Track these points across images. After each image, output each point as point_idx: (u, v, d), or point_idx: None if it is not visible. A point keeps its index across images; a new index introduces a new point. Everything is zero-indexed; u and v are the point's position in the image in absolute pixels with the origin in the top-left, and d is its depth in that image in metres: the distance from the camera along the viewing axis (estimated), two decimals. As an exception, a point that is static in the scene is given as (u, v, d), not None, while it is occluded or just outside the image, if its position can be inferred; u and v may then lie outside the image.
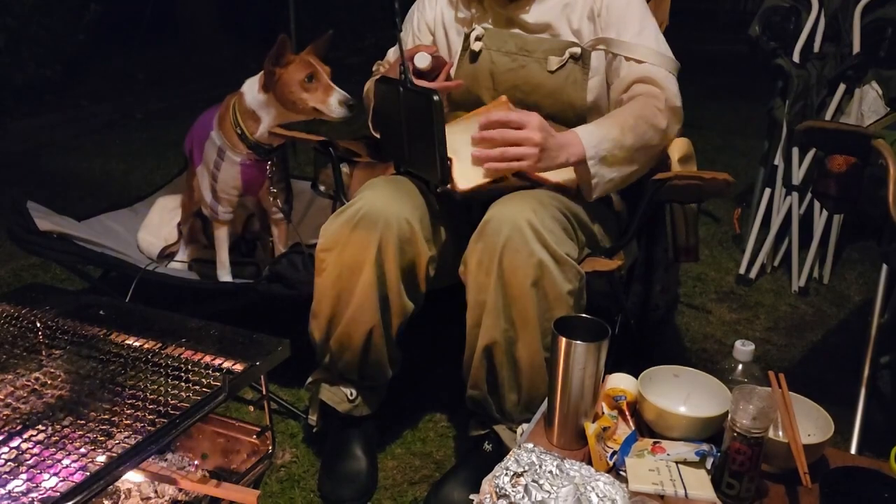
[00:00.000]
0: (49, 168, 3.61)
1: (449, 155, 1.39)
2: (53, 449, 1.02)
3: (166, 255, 2.21)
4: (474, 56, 1.63)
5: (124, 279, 1.89)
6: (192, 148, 2.04)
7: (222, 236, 2.03)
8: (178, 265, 2.18)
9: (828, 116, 2.37)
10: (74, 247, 1.90)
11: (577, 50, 1.58)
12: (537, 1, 1.62)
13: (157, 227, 2.26)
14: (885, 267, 1.81)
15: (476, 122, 1.42)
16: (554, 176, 1.52)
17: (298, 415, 1.75)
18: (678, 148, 1.61)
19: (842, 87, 2.38)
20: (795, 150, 2.43)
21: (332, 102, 1.79)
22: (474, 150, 1.39)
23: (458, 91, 1.63)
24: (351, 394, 1.54)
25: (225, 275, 2.05)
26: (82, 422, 1.07)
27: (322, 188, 1.83)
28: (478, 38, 1.62)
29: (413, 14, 1.76)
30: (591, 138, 1.42)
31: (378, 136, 1.65)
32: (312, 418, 1.60)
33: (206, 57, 5.67)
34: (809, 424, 1.16)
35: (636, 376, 1.25)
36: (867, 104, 2.28)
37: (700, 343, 2.15)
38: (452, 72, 1.65)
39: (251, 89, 1.88)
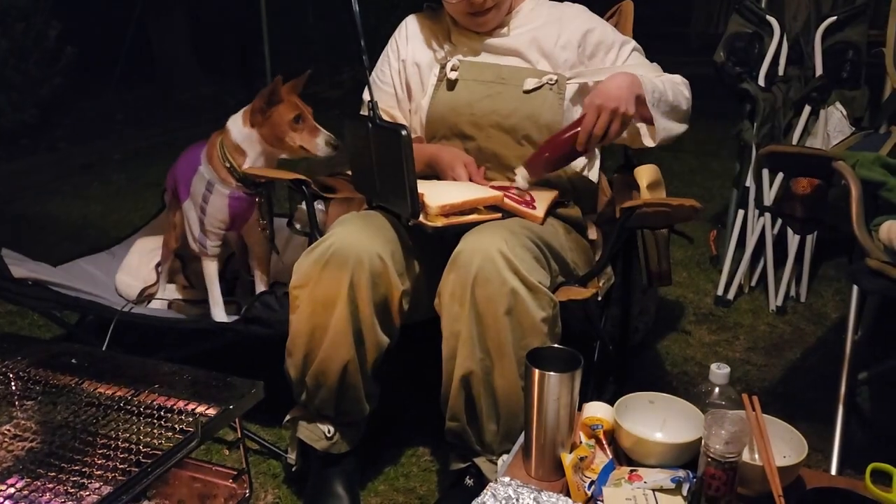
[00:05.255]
0: (26, 213, 3.59)
1: (420, 190, 1.41)
2: (25, 502, 1.00)
3: (145, 296, 2.20)
4: (451, 85, 1.66)
5: (103, 324, 1.88)
6: (177, 185, 2.04)
7: (212, 272, 2.02)
8: (158, 305, 2.17)
9: (795, 138, 2.42)
10: (50, 293, 1.89)
11: (554, 77, 1.62)
12: (506, 32, 1.66)
13: (136, 268, 2.26)
14: (856, 284, 1.84)
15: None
16: (525, 207, 1.55)
17: (280, 454, 1.73)
18: (646, 175, 1.64)
19: (807, 109, 2.42)
20: (766, 172, 2.46)
21: (320, 143, 1.87)
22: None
23: (436, 118, 1.66)
24: (329, 431, 1.53)
25: (219, 313, 2.03)
26: (54, 473, 1.06)
27: (297, 226, 1.84)
28: (454, 69, 1.66)
29: (387, 56, 1.79)
30: (646, 84, 1.51)
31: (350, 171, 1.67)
32: (291, 457, 1.59)
33: (183, 95, 5.70)
34: (784, 446, 1.16)
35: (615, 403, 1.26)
36: (832, 125, 2.32)
37: (681, 366, 2.16)
38: (426, 101, 1.68)
39: (236, 125, 1.92)
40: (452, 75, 1.66)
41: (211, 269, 2.03)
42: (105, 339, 1.79)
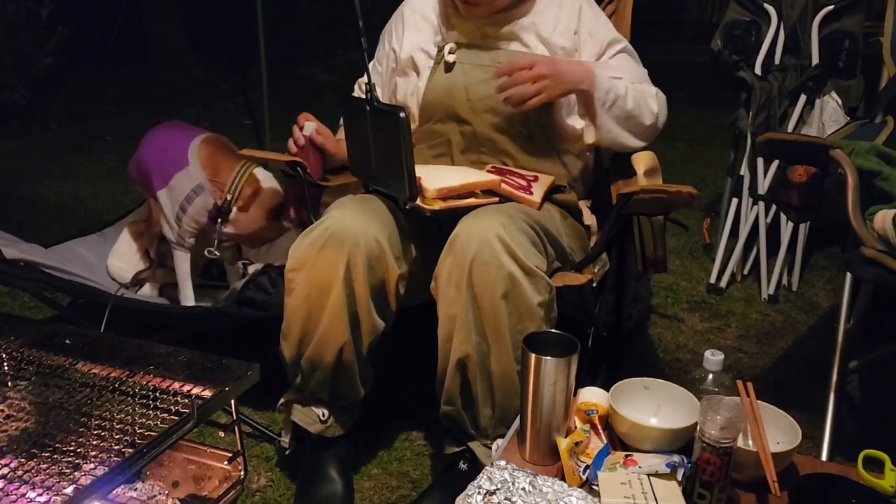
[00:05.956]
0: (17, 193, 3.56)
1: (417, 174, 1.41)
2: (18, 483, 1.00)
3: (139, 280, 2.19)
4: (448, 68, 1.66)
5: (94, 306, 1.87)
6: (146, 173, 2.01)
7: (183, 264, 2.01)
8: (149, 290, 2.16)
9: (790, 127, 2.42)
10: (42, 274, 1.88)
11: None
12: (509, 20, 1.66)
13: (128, 252, 2.24)
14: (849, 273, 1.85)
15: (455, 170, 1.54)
16: (522, 192, 1.54)
17: (273, 438, 1.73)
18: (644, 161, 1.64)
19: (803, 98, 2.43)
20: (760, 161, 2.47)
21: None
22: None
23: (432, 100, 1.65)
24: (323, 414, 1.53)
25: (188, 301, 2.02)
26: (48, 454, 1.05)
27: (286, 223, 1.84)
28: (451, 52, 1.65)
29: (384, 36, 1.78)
30: (601, 83, 1.56)
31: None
32: (285, 440, 1.59)
33: (175, 76, 5.65)
34: (778, 432, 1.17)
35: (610, 388, 1.26)
36: (827, 114, 2.33)
37: (673, 353, 2.17)
38: (423, 84, 1.67)
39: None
40: (450, 58, 1.65)
41: (182, 260, 2.01)
42: (95, 320, 1.78)
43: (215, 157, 1.94)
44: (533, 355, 1.16)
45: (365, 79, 1.81)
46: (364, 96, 1.51)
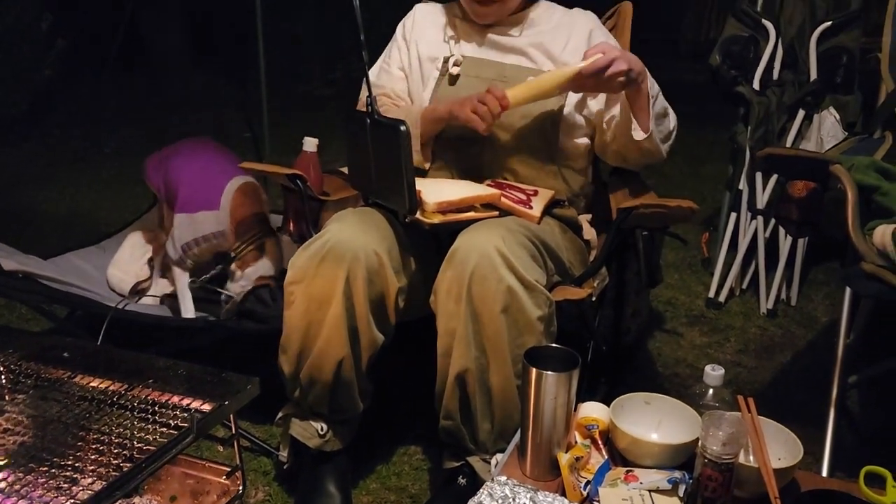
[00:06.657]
0: (16, 204, 3.55)
1: (417, 187, 1.41)
2: (15, 498, 0.99)
3: (138, 291, 2.18)
4: (452, 80, 1.66)
5: (92, 318, 1.86)
6: (173, 187, 2.01)
7: (184, 281, 2.02)
8: (150, 300, 2.16)
9: (788, 142, 2.43)
10: (40, 286, 1.87)
11: None
12: (515, 33, 1.66)
13: (128, 263, 2.24)
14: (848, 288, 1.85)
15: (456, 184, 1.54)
16: (522, 206, 1.55)
17: (271, 452, 1.72)
18: None
19: (801, 113, 2.44)
20: (759, 175, 2.47)
21: None
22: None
23: None
24: (322, 428, 1.52)
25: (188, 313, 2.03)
26: (45, 468, 1.04)
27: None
28: (456, 64, 1.66)
29: (396, 40, 1.79)
30: (651, 89, 1.52)
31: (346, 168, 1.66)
32: (283, 455, 1.58)
33: (176, 88, 5.66)
34: (779, 448, 1.17)
35: (610, 403, 1.26)
36: (826, 129, 2.34)
37: (672, 368, 2.16)
38: (427, 95, 1.67)
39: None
40: (455, 70, 1.66)
41: (180, 276, 2.03)
42: (94, 332, 1.78)
43: (242, 209, 1.96)
44: (534, 370, 1.16)
45: (378, 81, 1.80)
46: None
